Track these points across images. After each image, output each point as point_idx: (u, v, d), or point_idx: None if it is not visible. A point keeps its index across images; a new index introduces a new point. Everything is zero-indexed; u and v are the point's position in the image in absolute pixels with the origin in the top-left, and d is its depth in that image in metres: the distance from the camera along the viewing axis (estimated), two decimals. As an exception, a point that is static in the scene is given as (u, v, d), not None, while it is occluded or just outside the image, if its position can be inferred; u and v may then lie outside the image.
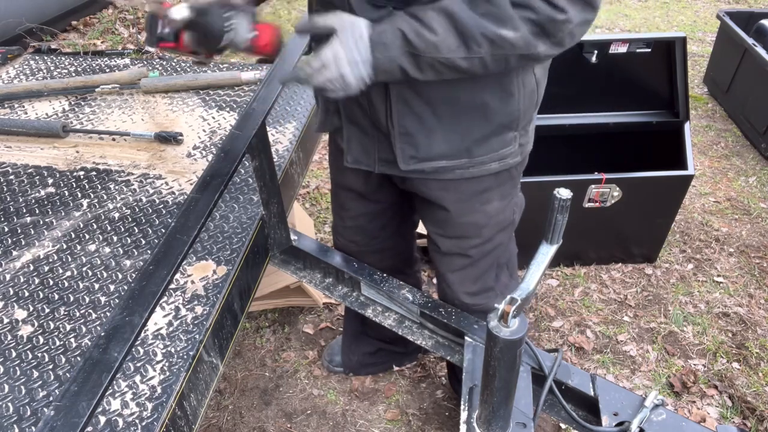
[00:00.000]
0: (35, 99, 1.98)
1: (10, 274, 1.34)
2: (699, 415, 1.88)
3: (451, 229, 1.37)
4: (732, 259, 2.45)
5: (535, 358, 1.25)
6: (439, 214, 1.35)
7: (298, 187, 1.79)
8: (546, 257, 0.92)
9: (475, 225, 1.35)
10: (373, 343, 1.90)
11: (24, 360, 1.15)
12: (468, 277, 1.46)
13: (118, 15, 4.39)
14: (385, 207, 1.52)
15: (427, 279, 2.38)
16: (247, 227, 1.44)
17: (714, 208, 2.72)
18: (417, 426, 1.89)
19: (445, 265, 1.46)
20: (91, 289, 1.30)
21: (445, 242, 1.40)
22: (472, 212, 1.32)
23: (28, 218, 1.50)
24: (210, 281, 1.30)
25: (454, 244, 1.40)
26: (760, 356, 2.05)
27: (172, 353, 1.15)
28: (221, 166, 1.16)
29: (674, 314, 2.21)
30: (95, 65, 2.18)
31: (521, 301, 0.89)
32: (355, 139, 1.27)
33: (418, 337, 1.46)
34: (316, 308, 2.26)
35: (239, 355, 2.11)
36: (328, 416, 1.92)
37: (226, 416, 1.93)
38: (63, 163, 1.69)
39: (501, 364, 0.94)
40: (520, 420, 1.13)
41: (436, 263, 1.50)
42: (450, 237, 1.39)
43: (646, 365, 2.04)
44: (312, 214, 2.70)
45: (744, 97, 3.24)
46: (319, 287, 1.57)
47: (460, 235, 1.38)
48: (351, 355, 1.96)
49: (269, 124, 1.80)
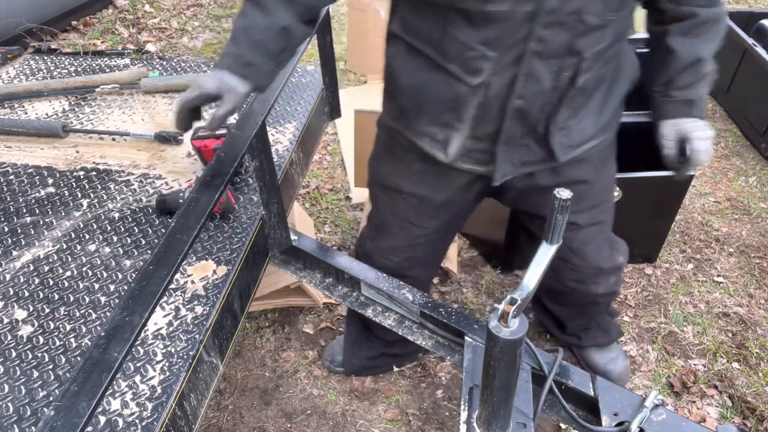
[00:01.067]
0: (35, 99, 1.98)
1: (10, 274, 1.34)
2: (699, 415, 1.88)
3: (587, 201, 1.44)
4: (732, 259, 2.45)
5: (535, 358, 1.24)
6: (575, 191, 1.40)
7: (298, 187, 1.79)
8: (546, 257, 0.92)
9: (607, 189, 1.49)
10: (376, 347, 1.90)
11: (24, 360, 1.15)
12: (603, 243, 1.56)
13: (118, 15, 4.39)
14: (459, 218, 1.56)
15: (427, 279, 2.39)
16: (247, 227, 1.44)
17: (714, 208, 2.72)
18: (417, 426, 1.89)
19: (581, 241, 1.50)
20: (91, 289, 1.30)
21: (583, 216, 1.46)
22: (603, 178, 1.46)
23: (28, 218, 1.50)
24: (210, 281, 1.30)
25: (590, 215, 1.47)
26: (760, 356, 2.05)
27: (172, 353, 1.15)
28: (221, 166, 1.16)
29: (674, 314, 2.21)
30: (95, 65, 2.18)
31: (521, 301, 0.89)
32: (505, 157, 1.28)
33: (418, 337, 1.46)
34: (316, 308, 2.26)
35: (239, 355, 2.11)
36: (328, 416, 1.92)
37: (226, 416, 1.93)
38: (63, 163, 1.69)
39: (501, 364, 0.94)
40: (520, 420, 1.13)
41: (571, 244, 1.51)
42: (586, 210, 1.46)
43: (646, 365, 2.04)
44: (312, 214, 2.70)
45: (744, 97, 3.24)
46: (319, 287, 1.57)
47: (594, 204, 1.47)
48: (353, 359, 1.95)
49: (269, 124, 1.80)
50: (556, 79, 1.16)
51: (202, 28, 4.40)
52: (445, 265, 2.31)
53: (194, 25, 4.43)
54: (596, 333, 1.94)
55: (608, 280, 1.63)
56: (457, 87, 1.19)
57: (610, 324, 1.98)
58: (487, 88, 1.18)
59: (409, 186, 1.43)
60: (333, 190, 2.86)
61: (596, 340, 1.96)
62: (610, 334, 1.97)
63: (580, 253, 1.53)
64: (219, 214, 1.47)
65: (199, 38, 4.26)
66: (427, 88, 1.24)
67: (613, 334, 1.98)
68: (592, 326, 1.92)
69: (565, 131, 1.26)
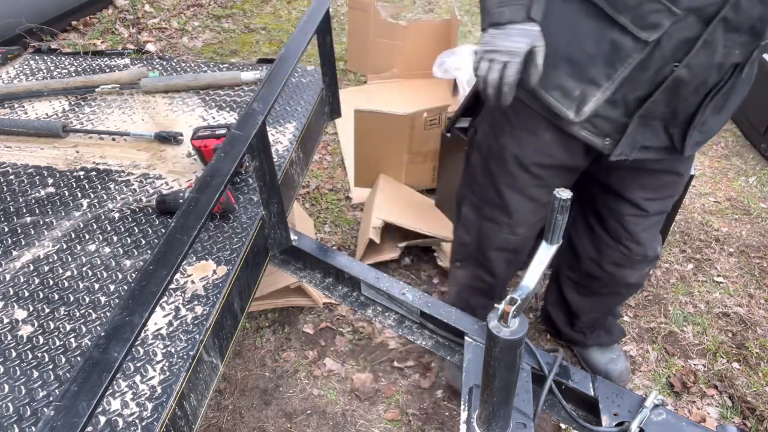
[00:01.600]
0: (35, 99, 1.98)
1: (10, 274, 1.34)
2: (699, 415, 1.88)
3: (669, 191, 1.48)
4: (732, 259, 2.45)
5: (535, 358, 1.24)
6: (664, 180, 1.44)
7: (298, 187, 1.79)
8: (546, 257, 0.92)
9: (684, 178, 1.50)
10: None
11: (24, 360, 1.15)
12: (657, 232, 1.60)
13: (118, 15, 4.39)
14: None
15: (427, 279, 2.38)
16: (247, 227, 1.44)
17: (714, 208, 2.72)
18: (417, 426, 1.89)
19: (642, 226, 1.53)
20: (91, 289, 1.29)
21: (655, 205, 1.49)
22: (688, 173, 1.51)
23: (28, 218, 1.50)
24: (210, 281, 1.30)
25: (661, 204, 1.51)
26: (760, 356, 2.05)
27: (172, 353, 1.15)
28: (221, 166, 1.16)
29: (674, 314, 2.21)
30: (95, 65, 2.18)
31: (521, 301, 0.89)
32: (632, 133, 1.24)
33: (418, 338, 1.46)
34: (316, 308, 2.26)
35: (239, 355, 2.11)
36: (328, 416, 1.92)
37: (226, 416, 1.93)
38: (63, 163, 1.69)
39: (501, 364, 0.94)
40: (520, 420, 1.13)
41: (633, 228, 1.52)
42: (663, 198, 1.49)
43: (646, 365, 2.04)
44: (312, 214, 2.70)
45: (744, 97, 3.24)
46: (319, 287, 1.57)
47: (672, 194, 1.51)
48: None
49: (269, 124, 1.80)
50: (727, 55, 1.10)
51: (202, 28, 4.40)
52: (445, 265, 2.31)
53: (194, 25, 4.43)
54: (600, 332, 1.95)
55: (644, 269, 1.66)
56: (621, 40, 1.12)
57: (613, 324, 1.99)
58: (655, 47, 1.10)
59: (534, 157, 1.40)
60: (333, 190, 2.86)
61: (600, 339, 1.97)
62: (613, 335, 1.98)
63: (636, 238, 1.55)
64: (219, 214, 1.47)
65: (199, 38, 4.26)
66: (583, 36, 1.15)
67: (615, 335, 1.99)
68: (599, 324, 1.93)
69: (705, 127, 1.26)
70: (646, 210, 1.50)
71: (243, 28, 4.45)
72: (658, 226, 1.59)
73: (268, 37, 4.31)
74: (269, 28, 4.44)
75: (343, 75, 3.74)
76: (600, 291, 1.77)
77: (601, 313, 1.89)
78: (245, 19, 4.58)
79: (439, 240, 2.31)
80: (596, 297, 1.82)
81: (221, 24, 4.47)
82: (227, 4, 4.74)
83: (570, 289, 1.87)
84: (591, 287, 1.78)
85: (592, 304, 1.86)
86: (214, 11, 4.62)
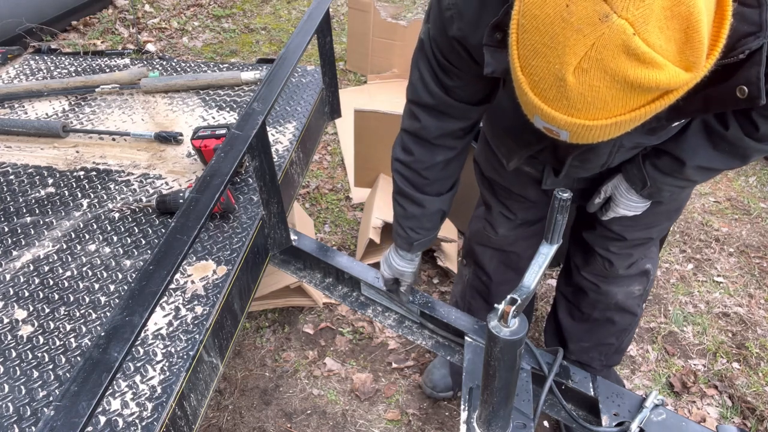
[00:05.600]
0: (35, 99, 1.98)
1: (10, 274, 1.34)
2: (699, 415, 1.88)
3: (646, 219, 1.43)
4: (732, 259, 2.45)
5: (535, 358, 1.25)
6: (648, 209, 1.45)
7: (298, 187, 1.79)
8: (546, 257, 0.92)
9: (676, 210, 1.49)
10: None
11: (24, 360, 1.15)
12: (643, 250, 1.56)
13: (118, 15, 4.39)
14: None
15: (427, 279, 2.38)
16: (247, 227, 1.44)
17: (714, 208, 2.72)
18: (417, 426, 1.89)
19: (618, 247, 1.53)
20: (91, 289, 1.30)
21: (633, 232, 1.48)
22: (678, 199, 1.46)
23: (28, 218, 1.50)
24: (210, 281, 1.30)
25: (643, 232, 1.49)
26: (760, 356, 2.05)
27: (172, 353, 1.15)
28: (221, 166, 1.16)
29: (674, 314, 2.21)
30: (95, 65, 2.18)
31: (521, 301, 0.89)
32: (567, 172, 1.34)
33: (418, 338, 1.46)
34: (316, 308, 2.26)
35: (239, 355, 2.11)
36: (328, 416, 1.92)
37: (226, 416, 1.93)
38: (63, 163, 1.69)
39: (501, 364, 0.94)
40: (520, 420, 1.13)
41: (609, 246, 1.54)
42: (640, 228, 1.47)
43: (646, 365, 2.04)
44: (312, 214, 2.70)
45: (744, 97, 3.24)
46: (319, 287, 1.57)
47: (653, 224, 1.47)
48: (455, 375, 1.93)
49: (269, 124, 1.80)
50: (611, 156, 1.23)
51: (202, 28, 4.40)
52: (445, 265, 2.31)
53: (194, 25, 4.43)
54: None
55: (630, 286, 1.62)
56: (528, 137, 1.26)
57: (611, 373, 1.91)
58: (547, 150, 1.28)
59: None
60: (333, 190, 2.86)
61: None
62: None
63: (616, 255, 1.55)
64: (219, 214, 1.47)
65: (199, 38, 4.26)
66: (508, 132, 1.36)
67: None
68: (591, 360, 1.83)
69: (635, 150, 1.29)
70: (624, 237, 1.48)
71: (243, 28, 4.45)
72: (644, 247, 1.55)
73: (268, 37, 4.32)
74: (269, 28, 4.45)
75: (343, 75, 3.74)
76: (591, 313, 1.72)
77: (591, 342, 1.80)
78: (245, 19, 4.58)
79: (439, 240, 2.31)
80: (587, 323, 1.76)
81: (221, 24, 4.47)
82: (227, 4, 4.74)
83: (563, 309, 1.83)
84: (581, 306, 1.74)
85: (582, 330, 1.79)
86: (214, 11, 4.62)
